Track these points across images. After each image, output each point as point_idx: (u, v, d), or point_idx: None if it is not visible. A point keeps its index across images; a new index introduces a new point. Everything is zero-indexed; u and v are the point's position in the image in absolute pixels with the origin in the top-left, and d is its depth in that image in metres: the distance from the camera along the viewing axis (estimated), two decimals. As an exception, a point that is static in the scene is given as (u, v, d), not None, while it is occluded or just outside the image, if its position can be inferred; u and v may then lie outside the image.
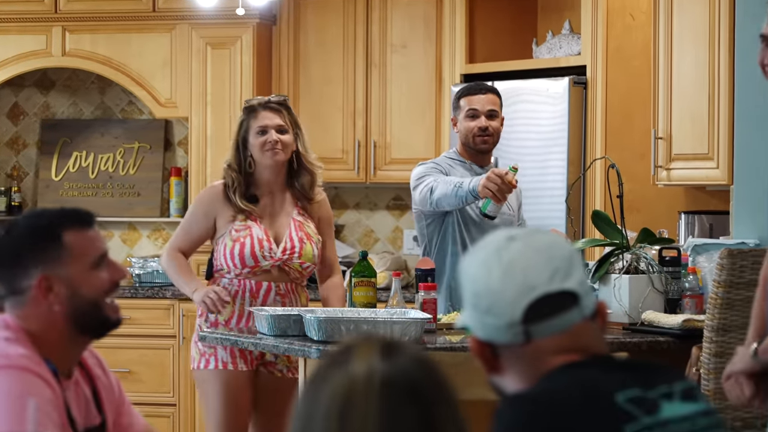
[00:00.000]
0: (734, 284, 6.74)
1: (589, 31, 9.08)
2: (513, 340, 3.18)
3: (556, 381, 3.15)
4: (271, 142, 6.96)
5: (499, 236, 3.26)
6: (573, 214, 8.89)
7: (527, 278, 3.18)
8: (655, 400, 3.16)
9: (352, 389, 2.41)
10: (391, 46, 10.23)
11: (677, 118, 8.39)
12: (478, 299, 3.21)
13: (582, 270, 3.27)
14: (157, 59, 10.30)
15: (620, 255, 7.64)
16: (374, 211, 10.76)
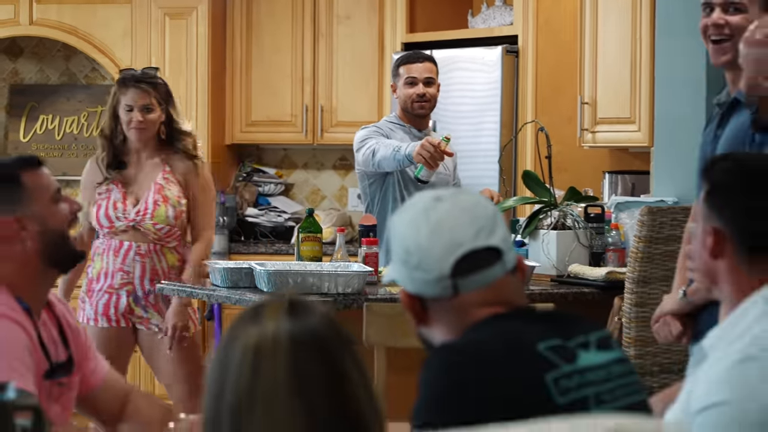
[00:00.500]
0: (654, 239, 6.76)
1: (520, 3, 9.08)
2: (441, 293, 3.20)
3: (481, 332, 3.16)
4: (135, 121, 6.97)
5: (426, 197, 3.28)
6: (505, 174, 8.93)
7: (454, 236, 3.19)
8: (573, 349, 3.17)
9: (262, 346, 2.42)
10: (337, 17, 10.22)
11: (602, 84, 8.41)
12: (408, 255, 3.22)
13: (504, 227, 3.28)
14: (118, 29, 10.25)
15: (548, 212, 7.66)
16: (321, 171, 10.76)
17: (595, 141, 8.52)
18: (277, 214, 10.45)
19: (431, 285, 3.21)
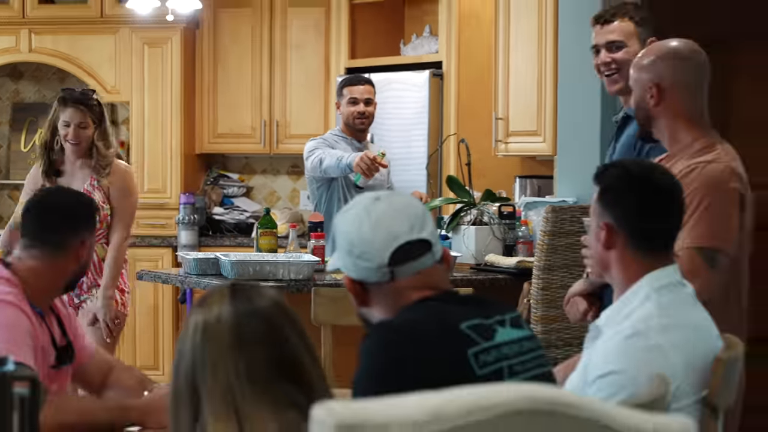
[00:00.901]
0: (556, 233, 6.79)
1: (444, 34, 9.09)
2: (381, 279, 3.21)
3: (413, 312, 3.17)
4: (71, 135, 6.79)
5: (367, 197, 3.30)
6: (432, 178, 8.94)
7: (391, 230, 3.21)
8: (491, 327, 3.17)
9: (207, 329, 2.44)
10: (290, 45, 10.18)
11: (513, 103, 8.41)
12: (351, 247, 3.23)
13: (432, 223, 3.31)
14: (104, 55, 10.20)
15: (468, 211, 7.68)
16: (277, 176, 10.73)
17: (507, 151, 8.52)
18: (240, 212, 10.42)
19: (372, 272, 3.22)
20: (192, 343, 2.45)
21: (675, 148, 4.59)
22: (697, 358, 3.57)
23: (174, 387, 2.47)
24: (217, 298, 2.50)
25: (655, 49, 4.70)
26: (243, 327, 2.45)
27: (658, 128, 4.63)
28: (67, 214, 4.12)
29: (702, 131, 4.60)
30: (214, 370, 2.42)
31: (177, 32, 10.07)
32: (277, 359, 2.44)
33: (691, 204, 4.27)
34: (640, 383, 3.41)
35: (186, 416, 2.43)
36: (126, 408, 3.92)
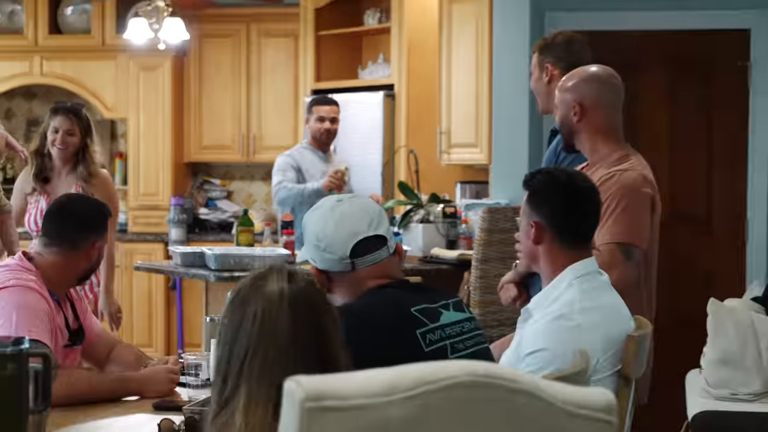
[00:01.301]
0: (492, 230, 6.79)
1: (396, 61, 9.10)
2: (343, 269, 3.24)
3: (371, 297, 3.20)
4: (59, 140, 6.48)
5: (331, 200, 3.33)
6: (386, 183, 8.95)
7: (352, 227, 3.23)
8: (437, 310, 3.20)
9: (270, 303, 2.39)
10: (264, 70, 10.21)
11: (454, 120, 8.43)
12: (318, 242, 3.25)
13: (387, 222, 3.33)
14: (105, 79, 10.20)
15: (417, 211, 7.69)
16: (253, 181, 10.72)
17: (450, 160, 8.54)
18: (221, 213, 10.41)
19: (336, 263, 3.24)
20: (248, 331, 2.38)
21: (594, 158, 4.60)
22: (612, 336, 3.57)
23: (224, 365, 2.39)
24: (274, 285, 2.44)
25: (578, 73, 4.70)
26: (298, 328, 2.40)
27: (580, 141, 4.64)
28: (82, 220, 4.13)
29: (618, 144, 4.63)
30: (264, 361, 2.35)
31: (168, 59, 10.06)
32: (323, 356, 2.39)
33: (610, 206, 4.30)
34: (565, 359, 3.42)
35: (229, 391, 2.37)
36: (127, 380, 3.92)
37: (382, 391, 1.96)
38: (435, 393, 1.99)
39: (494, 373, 2.06)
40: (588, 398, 2.16)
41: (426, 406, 1.98)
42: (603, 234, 4.22)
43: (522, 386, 2.08)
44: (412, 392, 1.98)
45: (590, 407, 2.14)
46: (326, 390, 1.94)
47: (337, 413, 1.93)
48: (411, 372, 2.01)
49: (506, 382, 2.06)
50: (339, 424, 1.92)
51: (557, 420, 2.10)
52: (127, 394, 3.87)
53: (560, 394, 2.12)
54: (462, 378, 2.02)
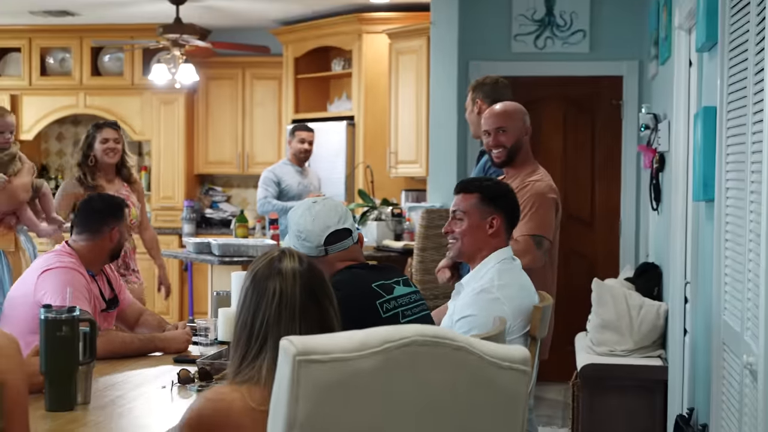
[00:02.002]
0: (429, 227, 6.80)
1: (356, 98, 9.07)
2: (318, 254, 3.24)
3: (342, 275, 3.21)
4: (110, 148, 5.96)
5: (308, 201, 3.35)
6: (349, 191, 8.92)
7: (326, 222, 3.25)
8: (391, 285, 3.21)
9: (286, 280, 2.36)
10: (255, 104, 10.15)
11: (400, 142, 8.41)
12: (299, 233, 3.26)
13: (351, 218, 3.36)
14: (133, 110, 10.11)
15: (372, 211, 7.68)
16: (247, 188, 10.62)
17: (397, 173, 8.52)
18: (222, 212, 10.35)
19: (313, 250, 3.25)
20: (269, 304, 2.34)
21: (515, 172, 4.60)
22: (522, 306, 3.58)
23: (249, 329, 2.35)
24: (289, 267, 2.39)
25: (515, 104, 4.68)
26: (306, 299, 2.37)
27: (518, 157, 4.62)
28: (101, 212, 4.10)
29: (531, 161, 4.64)
30: (285, 330, 2.31)
31: (182, 95, 9.98)
32: (321, 326, 2.37)
33: (526, 207, 4.33)
34: (487, 323, 3.44)
35: (252, 351, 2.33)
36: (152, 339, 3.91)
37: (355, 348, 1.98)
38: (396, 349, 2.01)
39: (440, 333, 2.08)
40: (509, 353, 2.17)
41: (388, 359, 2.00)
42: (520, 228, 4.25)
43: (460, 344, 2.09)
44: (378, 348, 1.99)
45: (511, 360, 2.16)
46: (313, 346, 1.95)
47: (321, 365, 1.94)
48: (377, 333, 2.03)
49: (448, 341, 2.07)
50: (323, 373, 1.93)
51: (487, 370, 2.11)
52: (152, 351, 3.87)
53: (488, 350, 2.14)
54: (416, 338, 2.03)
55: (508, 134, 4.59)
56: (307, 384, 1.91)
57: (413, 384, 2.02)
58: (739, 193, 3.36)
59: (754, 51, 3.14)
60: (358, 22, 8.97)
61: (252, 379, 2.29)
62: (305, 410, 1.91)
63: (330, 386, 1.93)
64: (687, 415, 4.48)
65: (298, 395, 1.90)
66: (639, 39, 7.49)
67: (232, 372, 2.35)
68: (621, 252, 7.67)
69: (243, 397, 2.25)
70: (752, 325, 3.07)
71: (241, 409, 2.24)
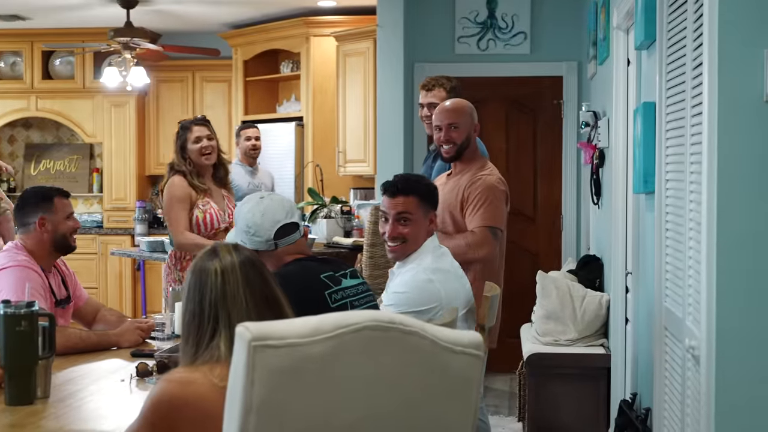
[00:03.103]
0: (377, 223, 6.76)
1: (304, 99, 9.03)
2: (268, 248, 3.25)
3: (291, 267, 3.22)
4: (204, 147, 5.27)
5: (257, 195, 3.34)
6: (298, 189, 8.88)
7: (275, 216, 3.25)
8: (339, 277, 3.22)
9: (225, 266, 2.38)
10: (205, 105, 10.06)
11: (348, 141, 8.39)
12: (248, 228, 3.25)
13: (298, 213, 3.37)
14: (86, 112, 9.98)
15: (322, 209, 7.63)
16: (198, 189, 10.59)
17: (345, 172, 8.50)
18: (174, 212, 10.27)
19: (262, 244, 3.25)
20: (214, 283, 2.37)
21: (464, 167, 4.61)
22: (452, 289, 3.63)
23: (198, 314, 2.37)
24: (225, 252, 2.42)
25: (464, 101, 4.69)
26: (247, 271, 2.38)
27: (467, 153, 4.63)
28: (28, 204, 4.00)
29: (479, 157, 4.66)
30: (234, 302, 2.34)
31: (133, 98, 9.88)
32: (266, 295, 2.40)
33: (480, 199, 4.39)
34: (417, 302, 3.53)
35: (206, 335, 2.34)
36: (107, 334, 3.87)
37: (309, 333, 1.96)
38: (348, 334, 1.99)
39: (392, 319, 2.06)
40: (461, 338, 2.15)
41: (341, 344, 1.97)
42: (476, 220, 4.32)
43: (412, 329, 2.06)
44: (331, 334, 1.97)
45: (464, 344, 2.14)
46: (268, 332, 1.93)
47: (276, 350, 1.91)
48: (330, 318, 2.01)
49: (401, 326, 2.05)
50: (276, 357, 1.91)
51: (440, 355, 2.09)
52: (108, 346, 3.83)
53: (441, 335, 2.11)
54: (369, 323, 2.01)
55: (459, 131, 4.60)
56: (263, 369, 1.89)
57: (366, 369, 2.00)
58: (678, 184, 3.38)
59: (692, 47, 3.16)
60: (305, 25, 8.93)
61: (212, 359, 2.30)
62: (261, 395, 1.88)
63: (284, 371, 1.90)
64: (630, 399, 4.51)
65: (254, 380, 1.88)
66: (578, 40, 7.53)
67: (189, 361, 2.34)
68: (563, 245, 7.71)
69: (204, 374, 2.26)
70: (694, 311, 3.08)
71: (204, 386, 2.24)
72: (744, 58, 2.79)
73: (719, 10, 2.80)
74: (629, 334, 4.97)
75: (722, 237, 2.79)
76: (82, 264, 9.36)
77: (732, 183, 2.79)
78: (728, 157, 2.80)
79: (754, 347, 2.78)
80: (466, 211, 4.44)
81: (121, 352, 3.76)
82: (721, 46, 2.80)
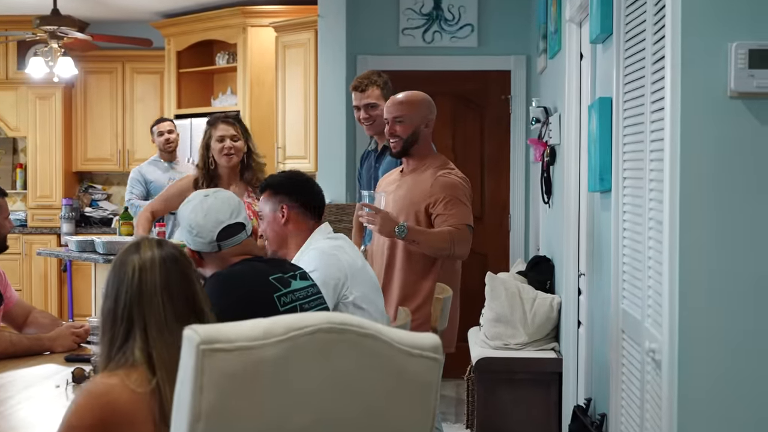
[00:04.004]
0: (319, 222, 6.74)
1: (241, 92, 8.97)
2: (211, 250, 3.21)
3: (237, 267, 3.17)
4: (227, 148, 5.14)
5: (200, 193, 3.29)
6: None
7: (218, 216, 3.20)
8: (288, 279, 3.19)
9: (144, 262, 2.34)
10: (136, 99, 9.97)
11: (288, 137, 8.33)
12: (191, 228, 3.21)
13: (245, 210, 3.32)
14: (9, 104, 9.83)
15: (260, 208, 7.58)
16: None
17: (285, 168, 8.45)
18: (103, 211, 10.13)
19: (205, 245, 3.21)
20: (130, 281, 2.33)
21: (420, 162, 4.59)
22: (358, 269, 3.69)
23: (113, 313, 2.34)
24: (146, 247, 2.38)
25: (418, 94, 4.65)
26: (168, 269, 2.35)
27: (416, 149, 4.60)
28: None
29: (435, 153, 4.67)
30: (150, 304, 2.31)
31: (59, 89, 9.75)
32: (187, 297, 2.36)
33: (446, 198, 4.40)
34: (327, 279, 3.57)
35: (119, 336, 2.32)
36: (40, 339, 3.82)
37: (259, 336, 1.95)
38: (301, 337, 1.98)
39: (347, 321, 2.05)
40: (419, 341, 2.14)
41: (294, 347, 1.96)
42: (452, 219, 4.33)
43: (368, 331, 2.06)
44: (284, 336, 1.97)
45: (421, 347, 2.13)
46: (217, 335, 1.91)
47: (225, 353, 1.90)
48: (283, 321, 2.00)
49: (356, 328, 2.04)
50: (227, 362, 1.89)
51: (397, 358, 2.08)
52: (41, 350, 3.78)
53: (397, 337, 2.11)
54: (322, 325, 2.01)
55: (404, 125, 4.58)
56: (212, 373, 1.87)
57: (320, 372, 1.99)
58: (637, 182, 3.39)
59: (652, 41, 3.17)
60: (242, 15, 8.87)
61: (126, 363, 2.29)
62: (210, 401, 1.86)
63: (235, 375, 1.88)
64: (584, 405, 4.52)
65: (203, 385, 1.86)
66: (526, 34, 7.57)
67: (103, 363, 2.34)
68: (511, 246, 7.74)
69: (122, 380, 2.26)
70: (653, 312, 3.10)
71: (122, 394, 2.24)
72: (708, 51, 2.80)
73: (682, 1, 2.82)
74: (582, 338, 4.99)
75: (685, 236, 2.80)
76: (5, 265, 9.18)
77: (695, 180, 2.81)
78: (691, 154, 2.81)
79: (718, 349, 2.80)
80: (437, 210, 4.42)
81: (54, 357, 3.70)
82: (684, 39, 2.81)
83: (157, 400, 2.24)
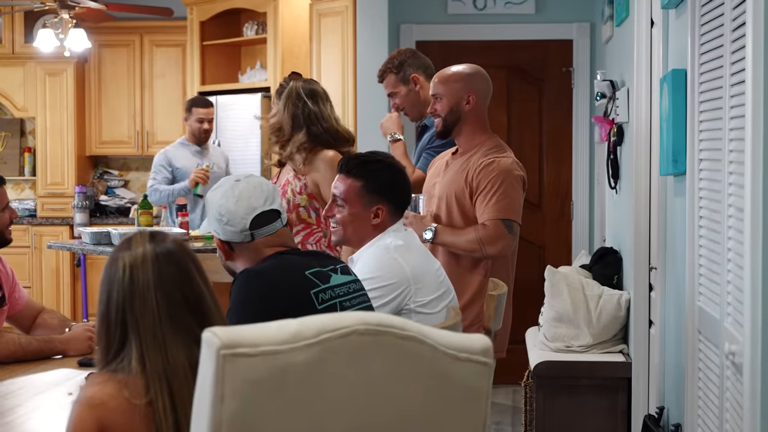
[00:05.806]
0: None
1: (271, 66, 8.97)
2: (243, 240, 3.22)
3: (269, 262, 3.18)
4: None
5: (231, 179, 3.29)
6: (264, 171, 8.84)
7: (251, 203, 3.21)
8: (327, 273, 3.22)
9: (135, 261, 2.34)
10: (156, 75, 10.02)
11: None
12: (221, 216, 3.22)
13: (279, 197, 3.34)
14: (16, 82, 9.91)
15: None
16: (147, 171, 10.27)
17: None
18: (120, 199, 10.21)
19: (237, 235, 3.23)
20: (121, 281, 2.34)
21: (470, 144, 4.62)
22: (423, 273, 3.64)
23: (105, 317, 2.36)
24: (138, 242, 2.39)
25: (465, 67, 4.67)
26: (161, 265, 2.36)
27: (461, 129, 4.60)
28: None
29: (489, 134, 4.66)
30: (143, 306, 2.32)
31: (71, 64, 9.81)
32: (186, 296, 2.36)
33: (492, 187, 4.37)
34: (390, 283, 3.56)
35: (115, 343, 2.34)
36: (52, 341, 3.84)
37: (287, 339, 1.94)
38: (334, 340, 1.98)
39: (385, 321, 2.04)
40: (467, 343, 2.13)
41: (326, 351, 1.96)
42: (488, 211, 4.30)
43: (410, 333, 2.05)
44: (314, 339, 1.97)
45: (469, 351, 2.12)
46: (239, 339, 1.91)
47: (249, 359, 1.89)
48: (313, 322, 1.99)
49: (396, 329, 2.04)
50: (250, 368, 1.89)
51: (442, 362, 2.08)
52: (52, 354, 3.80)
53: (443, 340, 2.10)
54: (357, 327, 2.00)
55: (441, 102, 4.61)
56: (234, 381, 1.87)
57: (355, 379, 1.99)
58: (715, 164, 3.36)
59: (732, 4, 3.13)
60: (273, -20, 8.90)
61: (123, 371, 2.31)
62: (232, 410, 1.86)
63: (260, 383, 1.88)
64: (656, 414, 4.50)
65: (224, 394, 1.86)
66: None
67: (100, 369, 2.37)
68: (574, 236, 7.71)
69: (119, 390, 2.28)
70: (734, 311, 3.06)
71: (118, 408, 2.26)
72: (795, 15, 2.76)
73: (765, -41, 2.77)
74: (653, 339, 4.97)
75: (769, 225, 2.76)
76: (13, 259, 9.27)
77: (780, 162, 2.77)
78: (776, 131, 2.77)
79: (807, 353, 2.76)
80: (477, 200, 4.41)
81: (66, 361, 3.72)
82: None
83: (152, 415, 2.27)
